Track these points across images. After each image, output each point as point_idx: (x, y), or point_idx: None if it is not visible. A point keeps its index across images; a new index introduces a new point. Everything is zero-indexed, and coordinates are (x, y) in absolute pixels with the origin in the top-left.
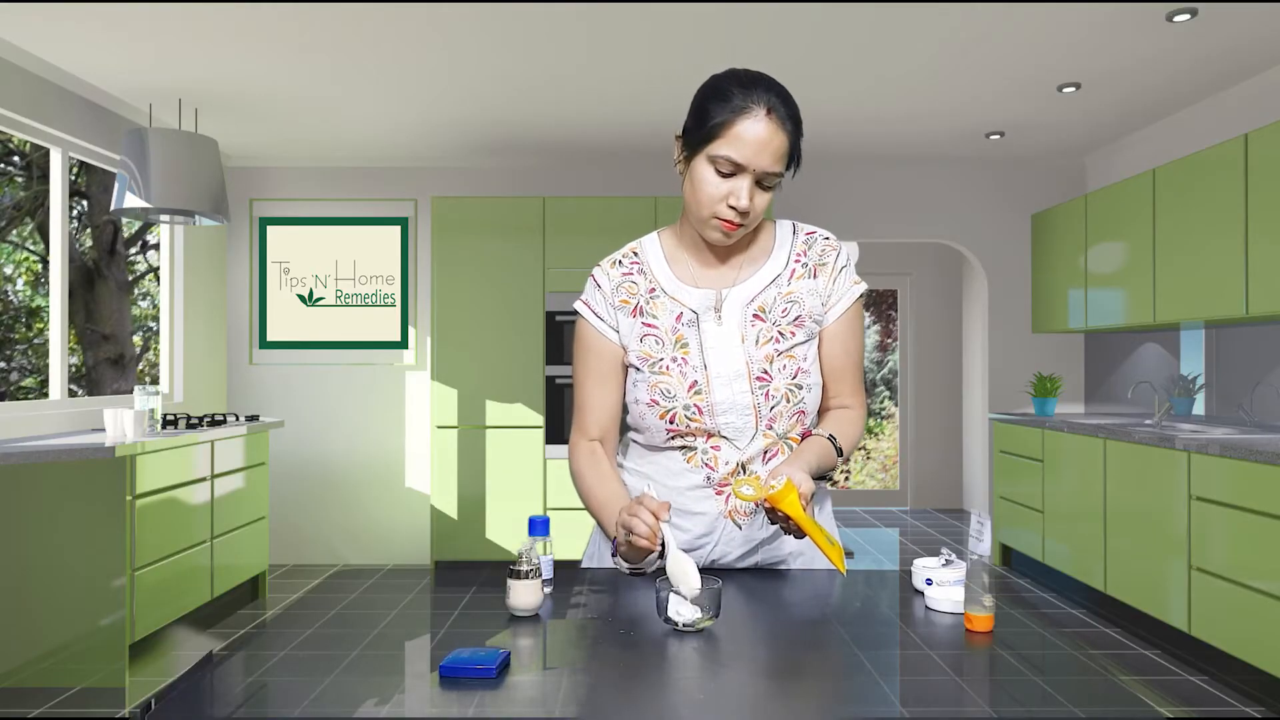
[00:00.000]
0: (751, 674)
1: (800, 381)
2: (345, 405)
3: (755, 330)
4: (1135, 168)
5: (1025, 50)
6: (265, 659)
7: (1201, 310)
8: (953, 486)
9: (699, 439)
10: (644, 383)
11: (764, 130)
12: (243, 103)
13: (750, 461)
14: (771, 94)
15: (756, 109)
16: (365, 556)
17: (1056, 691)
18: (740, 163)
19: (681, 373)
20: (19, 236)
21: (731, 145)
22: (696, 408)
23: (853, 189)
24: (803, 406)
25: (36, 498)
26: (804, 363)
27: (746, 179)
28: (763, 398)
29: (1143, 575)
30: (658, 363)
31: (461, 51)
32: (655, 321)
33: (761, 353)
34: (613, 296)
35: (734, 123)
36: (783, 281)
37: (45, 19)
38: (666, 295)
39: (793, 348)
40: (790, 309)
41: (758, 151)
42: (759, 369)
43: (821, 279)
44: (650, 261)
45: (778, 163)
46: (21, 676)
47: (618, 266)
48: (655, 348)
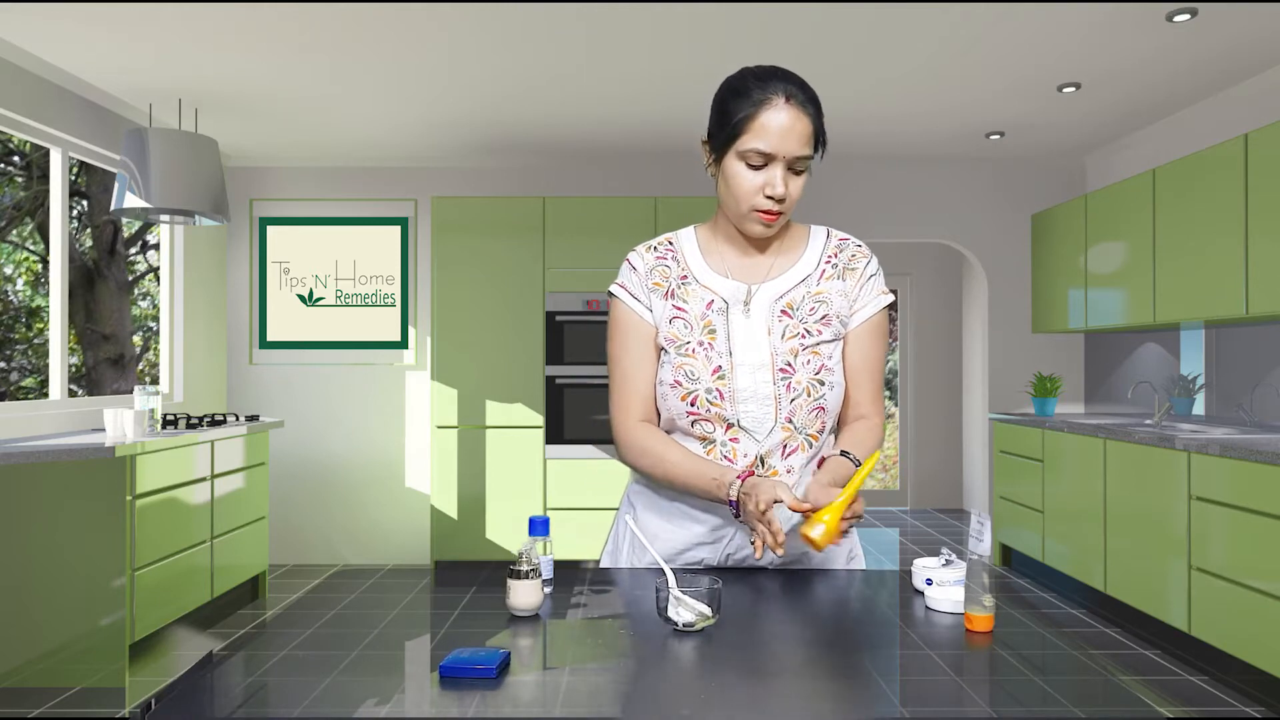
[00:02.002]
0: (751, 674)
1: (823, 378)
2: (345, 405)
3: (783, 325)
4: (1135, 168)
5: (1025, 50)
6: (265, 659)
7: (1201, 310)
8: (953, 486)
9: (718, 428)
10: (669, 364)
11: (786, 117)
12: (243, 103)
13: (769, 455)
14: (788, 82)
15: (776, 98)
16: (365, 556)
17: (1056, 691)
18: (769, 152)
19: (707, 357)
20: (19, 236)
21: (758, 137)
22: (719, 392)
23: (853, 189)
24: (823, 403)
25: (36, 498)
26: (828, 360)
27: (778, 167)
28: (784, 389)
29: (1143, 575)
30: (684, 345)
31: (462, 51)
32: (685, 306)
33: (786, 346)
34: (647, 278)
35: (756, 115)
36: (812, 281)
37: (45, 19)
38: (698, 283)
39: (818, 344)
40: (818, 308)
41: (784, 138)
42: (783, 361)
43: (850, 282)
44: (684, 250)
45: (805, 145)
46: (21, 676)
47: (652, 251)
48: (683, 331)
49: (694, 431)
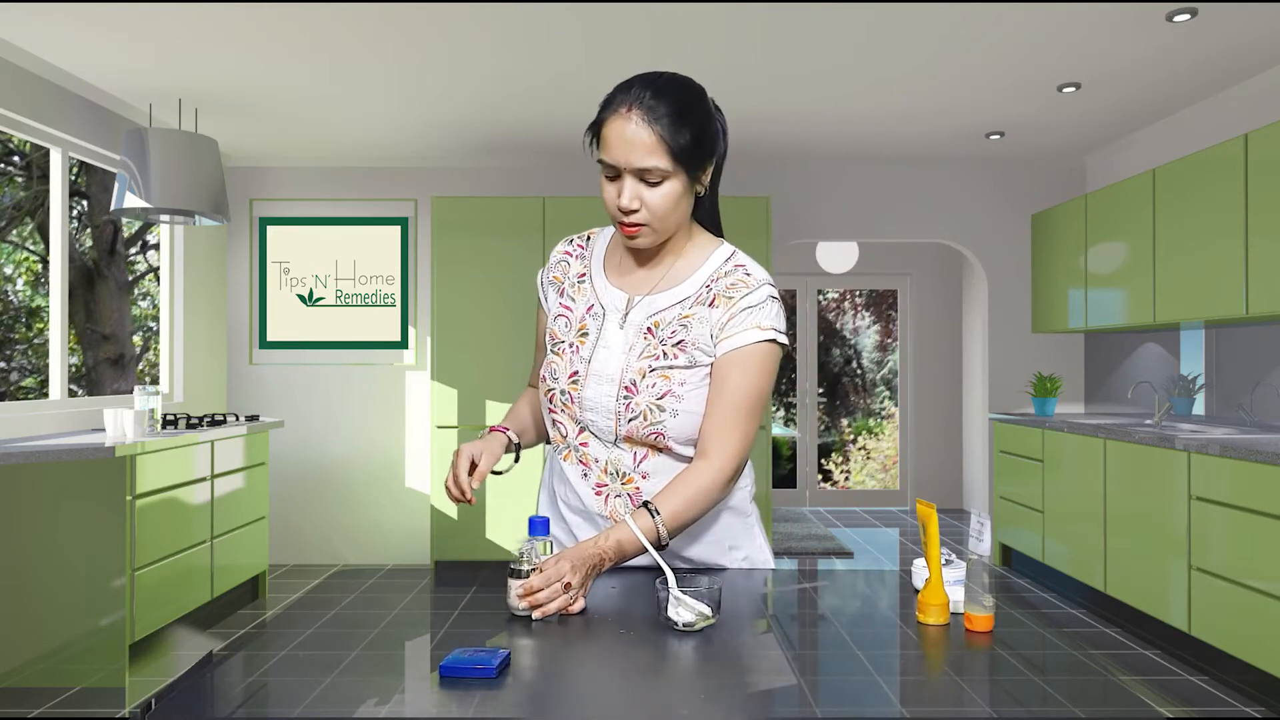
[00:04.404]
0: (751, 674)
1: (665, 404)
2: (345, 405)
3: (644, 344)
4: (1135, 168)
5: (1025, 50)
6: (265, 659)
7: (1201, 310)
8: (953, 486)
9: (571, 428)
10: (544, 358)
11: (627, 128)
12: (243, 103)
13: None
14: (645, 90)
15: (621, 108)
16: (365, 556)
17: (1056, 691)
18: (611, 163)
19: (570, 360)
20: (19, 236)
21: (603, 147)
22: (570, 395)
23: (853, 189)
24: (660, 429)
25: (36, 498)
26: (678, 388)
27: (627, 179)
28: (624, 408)
29: (1143, 575)
30: (559, 344)
31: (461, 51)
32: (571, 306)
33: (637, 365)
34: (549, 271)
35: (603, 125)
36: (687, 304)
37: (45, 19)
38: (591, 285)
39: (670, 368)
40: (678, 331)
41: (624, 150)
42: (629, 379)
43: (719, 310)
44: (595, 249)
45: (649, 157)
46: (21, 676)
47: (569, 243)
48: (563, 329)
49: (554, 425)
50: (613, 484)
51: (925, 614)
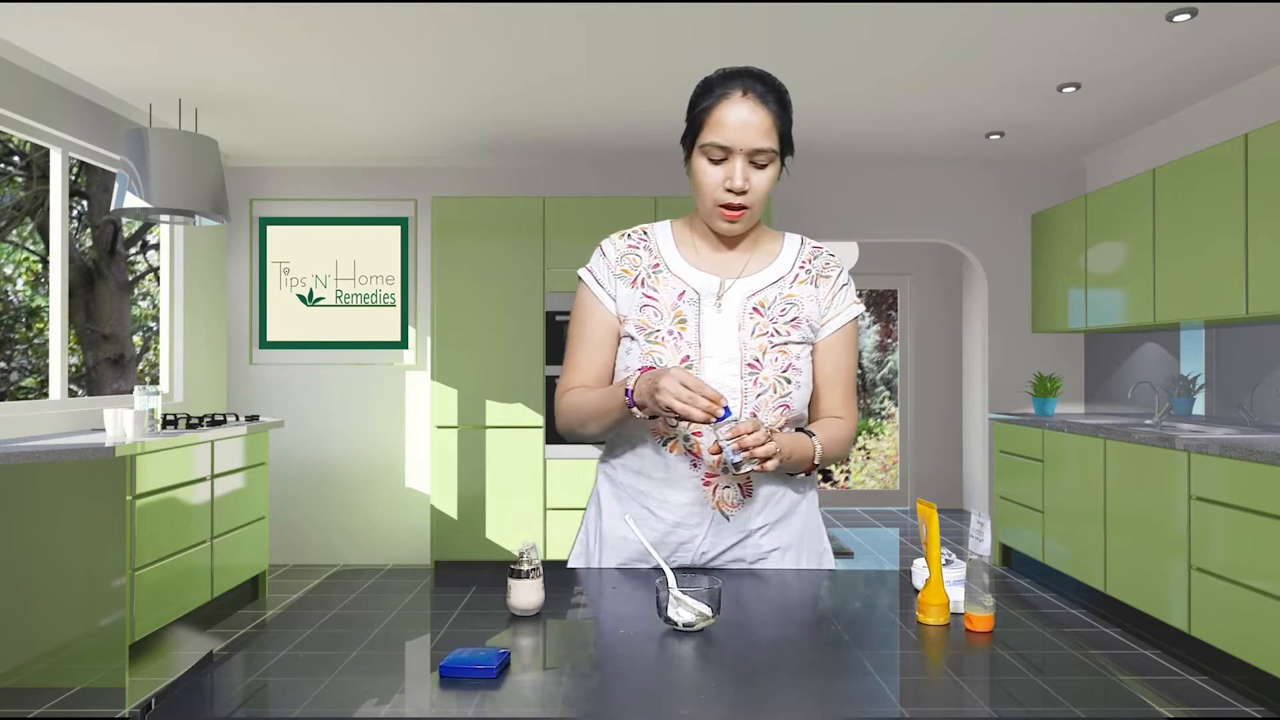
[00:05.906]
0: (751, 674)
1: (790, 376)
2: (345, 405)
3: (753, 322)
4: (1135, 168)
5: (1025, 50)
6: (265, 659)
7: (1201, 310)
8: (953, 486)
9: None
10: (637, 350)
11: (743, 110)
12: (243, 103)
13: None
14: (749, 78)
15: (734, 93)
16: (365, 556)
17: (1056, 691)
18: (726, 145)
19: (675, 346)
20: (19, 236)
21: (716, 131)
22: None
23: (853, 189)
24: (788, 400)
25: (36, 498)
26: (795, 361)
27: (738, 160)
28: (751, 384)
29: (1143, 575)
30: (654, 333)
31: (462, 51)
32: (656, 294)
33: (756, 342)
34: (616, 265)
35: (714, 109)
36: (785, 283)
37: (45, 19)
38: (670, 272)
39: (786, 344)
40: (789, 309)
41: (740, 131)
42: (751, 356)
43: (823, 289)
44: (658, 239)
45: (763, 138)
46: (21, 676)
47: (625, 238)
48: (654, 318)
49: (657, 420)
50: (724, 474)
51: (925, 614)
